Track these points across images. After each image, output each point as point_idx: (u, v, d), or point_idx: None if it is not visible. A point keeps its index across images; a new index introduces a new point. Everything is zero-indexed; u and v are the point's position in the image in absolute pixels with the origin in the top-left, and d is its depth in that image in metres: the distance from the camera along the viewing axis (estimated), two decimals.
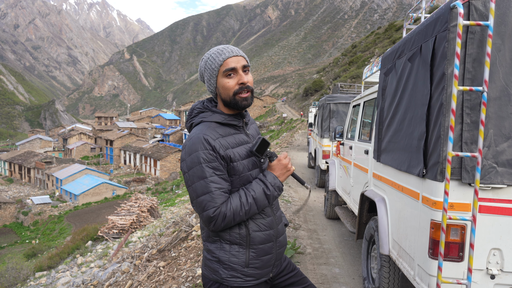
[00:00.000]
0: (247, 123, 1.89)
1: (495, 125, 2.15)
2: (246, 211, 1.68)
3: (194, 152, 1.67)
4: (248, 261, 1.75)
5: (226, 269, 1.74)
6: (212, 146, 1.67)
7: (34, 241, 35.37)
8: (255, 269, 1.76)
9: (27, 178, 62.72)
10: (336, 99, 9.17)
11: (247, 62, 1.77)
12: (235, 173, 1.73)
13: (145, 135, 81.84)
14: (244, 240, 1.75)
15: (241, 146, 1.78)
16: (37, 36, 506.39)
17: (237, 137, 1.79)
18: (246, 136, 1.84)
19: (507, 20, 2.12)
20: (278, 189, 1.76)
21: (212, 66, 1.74)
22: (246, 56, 1.80)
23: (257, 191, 1.70)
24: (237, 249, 1.74)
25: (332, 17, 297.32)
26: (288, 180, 11.61)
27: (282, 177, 1.79)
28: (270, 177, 1.75)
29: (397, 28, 55.92)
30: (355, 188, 4.76)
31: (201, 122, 1.79)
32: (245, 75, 1.74)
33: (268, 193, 1.72)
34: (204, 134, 1.69)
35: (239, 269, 1.74)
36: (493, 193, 2.20)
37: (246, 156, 1.77)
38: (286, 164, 1.79)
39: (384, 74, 3.43)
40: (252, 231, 1.75)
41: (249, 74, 1.77)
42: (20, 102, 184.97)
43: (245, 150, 1.78)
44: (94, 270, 10.54)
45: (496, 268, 2.23)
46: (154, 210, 21.00)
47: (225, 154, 1.70)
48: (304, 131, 30.62)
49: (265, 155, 1.76)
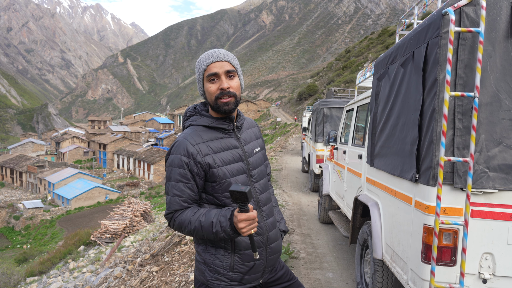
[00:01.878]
0: (239, 127, 1.87)
1: (486, 130, 2.17)
2: (190, 230, 1.69)
3: (173, 153, 1.74)
4: (232, 265, 1.74)
5: (211, 271, 1.75)
6: (189, 152, 1.69)
7: (25, 246, 34.94)
8: (240, 274, 1.76)
9: (19, 182, 62.08)
10: (330, 104, 9.21)
11: (233, 67, 1.75)
12: (215, 180, 1.73)
13: (138, 139, 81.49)
14: (229, 244, 1.75)
15: (227, 151, 1.77)
16: (30, 39, 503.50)
17: (224, 141, 1.78)
18: (236, 140, 1.82)
19: (497, 27, 2.15)
20: (225, 233, 1.63)
21: (198, 70, 1.77)
22: (234, 60, 1.79)
23: (207, 220, 1.65)
24: (222, 252, 1.75)
25: (326, 22, 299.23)
26: (281, 184, 11.61)
27: (238, 229, 1.62)
28: (225, 220, 1.63)
29: (390, 33, 56.36)
30: (349, 193, 4.77)
31: (190, 125, 1.82)
32: (229, 80, 1.74)
33: (214, 230, 1.64)
34: (185, 139, 1.73)
35: (223, 273, 1.74)
36: (485, 197, 2.22)
37: (231, 161, 1.76)
38: (240, 227, 1.59)
39: (377, 79, 3.45)
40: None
41: (235, 79, 1.76)
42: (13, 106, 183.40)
43: (231, 155, 1.77)
44: (86, 275, 10.44)
45: (488, 272, 2.24)
46: (147, 215, 20.88)
47: (203, 161, 1.70)
48: (298, 135, 30.68)
49: (236, 203, 1.58)
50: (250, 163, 1.84)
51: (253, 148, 1.90)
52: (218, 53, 1.74)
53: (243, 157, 1.81)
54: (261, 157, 1.94)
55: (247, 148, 1.86)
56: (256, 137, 1.97)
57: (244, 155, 1.82)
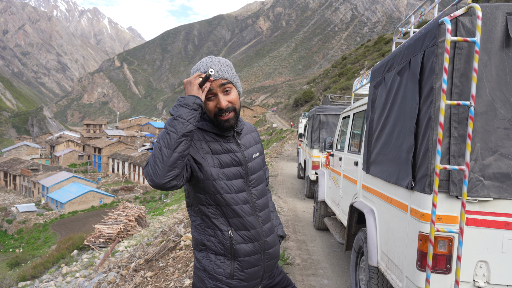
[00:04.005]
0: (239, 132, 1.87)
1: (481, 139, 2.19)
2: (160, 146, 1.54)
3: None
4: (233, 272, 1.73)
5: (211, 279, 1.73)
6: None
7: (18, 250, 34.63)
8: (240, 281, 1.75)
9: (13, 186, 61.61)
10: (326, 110, 9.24)
11: (228, 80, 1.72)
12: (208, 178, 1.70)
13: (134, 143, 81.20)
14: (229, 252, 1.74)
15: (227, 154, 1.77)
16: (27, 42, 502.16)
17: (224, 144, 1.78)
18: (236, 145, 1.82)
19: (493, 37, 2.18)
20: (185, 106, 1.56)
21: None
22: (229, 72, 1.75)
23: (167, 122, 1.57)
24: (223, 260, 1.74)
25: (323, 29, 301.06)
26: (277, 190, 11.60)
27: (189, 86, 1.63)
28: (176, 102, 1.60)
29: (386, 41, 56.79)
30: (344, 199, 4.78)
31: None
32: (226, 95, 1.72)
33: (176, 114, 1.56)
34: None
35: (224, 280, 1.73)
36: (480, 206, 2.23)
37: (228, 164, 1.76)
38: (186, 81, 1.63)
39: (374, 87, 3.47)
40: (237, 243, 1.74)
41: (232, 91, 1.74)
42: (7, 108, 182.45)
43: (229, 159, 1.76)
44: (80, 280, 10.34)
45: (482, 280, 2.25)
46: (142, 219, 20.76)
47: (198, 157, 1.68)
48: (294, 141, 30.71)
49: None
50: (249, 168, 1.84)
51: (252, 153, 1.89)
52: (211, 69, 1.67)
53: (242, 161, 1.81)
54: (260, 162, 1.94)
55: (247, 153, 1.86)
56: (256, 142, 1.97)
57: (244, 159, 1.82)
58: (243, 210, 1.77)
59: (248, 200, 1.80)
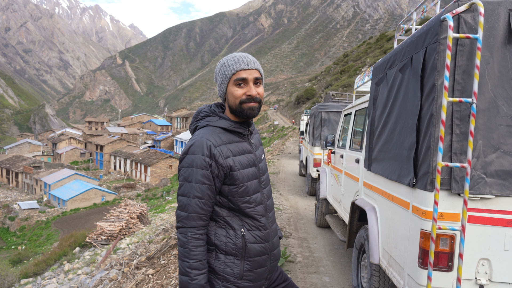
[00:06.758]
0: (252, 132, 1.88)
1: (484, 136, 2.18)
2: (180, 255, 1.69)
3: (192, 153, 1.67)
4: (242, 273, 1.73)
5: (220, 279, 1.72)
6: (211, 153, 1.66)
7: (20, 247, 34.77)
8: (248, 282, 1.75)
9: (15, 183, 61.78)
10: (327, 108, 9.21)
11: (261, 75, 1.77)
12: (235, 183, 1.71)
13: (136, 141, 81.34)
14: (240, 251, 1.73)
15: (243, 155, 1.77)
16: (29, 39, 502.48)
17: (240, 145, 1.78)
18: (249, 145, 1.83)
19: (495, 34, 2.16)
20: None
21: (225, 72, 1.75)
22: (261, 69, 1.81)
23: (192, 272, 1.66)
24: (233, 260, 1.72)
25: (325, 26, 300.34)
26: (279, 187, 11.60)
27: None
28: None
29: (388, 38, 56.62)
30: (346, 197, 4.77)
31: (207, 126, 1.78)
32: (256, 87, 1.75)
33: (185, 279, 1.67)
34: (207, 139, 1.68)
35: (233, 281, 1.72)
36: (482, 203, 2.23)
37: (247, 165, 1.76)
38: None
39: (376, 84, 3.46)
40: (249, 242, 1.74)
41: (261, 86, 1.78)
42: (10, 106, 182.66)
43: (247, 160, 1.77)
44: (82, 277, 10.38)
45: (484, 278, 2.25)
46: (143, 217, 20.79)
47: (225, 163, 1.68)
48: (295, 138, 30.69)
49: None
50: (260, 168, 1.85)
51: (261, 153, 1.91)
52: (248, 60, 1.74)
53: (256, 162, 1.82)
54: (265, 163, 1.95)
55: (258, 154, 1.87)
56: (260, 143, 1.98)
57: (256, 160, 1.83)
58: (258, 212, 1.78)
59: (262, 201, 1.81)
